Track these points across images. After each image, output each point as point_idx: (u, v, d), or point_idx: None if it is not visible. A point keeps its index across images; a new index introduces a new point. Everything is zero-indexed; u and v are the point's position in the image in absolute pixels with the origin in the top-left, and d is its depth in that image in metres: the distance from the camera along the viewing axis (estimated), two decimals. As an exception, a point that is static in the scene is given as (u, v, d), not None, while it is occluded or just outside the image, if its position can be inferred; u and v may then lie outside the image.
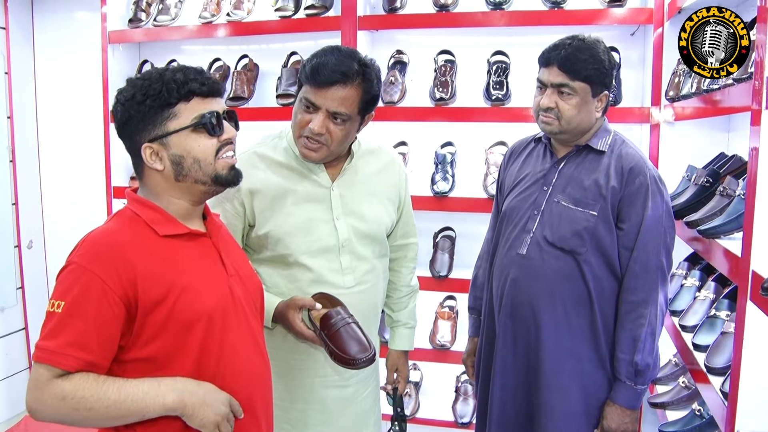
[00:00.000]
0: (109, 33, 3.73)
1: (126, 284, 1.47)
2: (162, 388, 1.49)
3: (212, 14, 3.55)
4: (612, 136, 2.19)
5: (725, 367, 2.01)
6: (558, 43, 2.11)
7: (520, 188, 2.27)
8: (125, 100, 1.58)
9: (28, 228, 4.13)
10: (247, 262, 1.82)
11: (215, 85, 1.61)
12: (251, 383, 1.67)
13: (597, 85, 2.10)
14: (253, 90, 3.62)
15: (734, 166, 2.44)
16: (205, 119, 1.57)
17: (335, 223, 2.06)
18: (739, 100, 1.93)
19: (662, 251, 2.08)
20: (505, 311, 2.22)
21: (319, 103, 1.92)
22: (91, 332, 1.45)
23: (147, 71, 1.63)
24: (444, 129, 3.53)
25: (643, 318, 2.07)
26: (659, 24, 2.97)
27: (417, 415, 3.42)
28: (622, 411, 2.12)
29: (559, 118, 2.11)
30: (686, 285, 2.60)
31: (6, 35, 3.98)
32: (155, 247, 1.56)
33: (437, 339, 3.36)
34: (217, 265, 1.66)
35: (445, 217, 3.50)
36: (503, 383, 2.25)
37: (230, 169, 1.63)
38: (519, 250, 2.19)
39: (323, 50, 1.97)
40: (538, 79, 2.16)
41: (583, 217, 2.10)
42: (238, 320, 1.65)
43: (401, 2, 3.32)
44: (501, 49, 3.34)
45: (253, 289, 1.76)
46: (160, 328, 1.52)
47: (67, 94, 4.16)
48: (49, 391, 1.43)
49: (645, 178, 2.08)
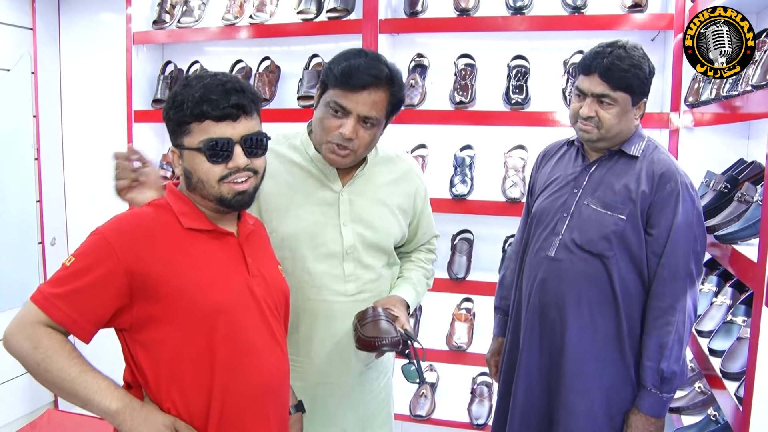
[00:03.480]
0: (134, 34, 3.78)
1: (137, 263, 1.53)
2: (115, 393, 1.52)
3: (235, 16, 3.59)
4: (645, 141, 2.18)
5: (740, 373, 2.02)
6: (599, 50, 2.08)
7: (550, 190, 2.27)
8: (166, 100, 1.65)
9: (51, 225, 4.19)
10: (276, 267, 1.83)
11: (233, 109, 1.58)
12: (268, 380, 1.69)
13: (637, 95, 2.09)
14: (274, 91, 3.66)
15: (753, 172, 2.44)
16: (208, 146, 1.57)
17: (341, 228, 2.01)
18: (758, 106, 1.94)
19: (692, 258, 2.06)
20: (532, 311, 2.22)
21: (350, 107, 1.88)
22: (85, 295, 1.51)
23: (193, 75, 1.65)
24: (463, 132, 3.54)
25: (670, 325, 2.04)
26: (679, 30, 2.97)
27: (433, 416, 3.43)
28: (647, 419, 2.10)
29: (599, 126, 2.10)
30: (703, 290, 2.59)
31: (33, 36, 4.03)
32: (178, 236, 1.61)
33: (454, 341, 3.38)
34: (239, 264, 1.68)
35: (463, 219, 3.51)
36: (527, 383, 2.25)
37: (236, 194, 1.62)
38: (548, 252, 2.19)
39: (349, 53, 1.93)
40: (577, 86, 2.14)
41: (611, 221, 2.10)
42: (255, 318, 1.67)
43: (422, 6, 3.35)
44: (521, 53, 3.36)
45: (277, 293, 1.76)
46: (170, 314, 1.56)
47: (92, 93, 4.20)
48: (29, 332, 1.49)
49: (676, 184, 2.06)
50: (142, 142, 3.83)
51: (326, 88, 1.93)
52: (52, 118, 4.24)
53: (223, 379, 1.60)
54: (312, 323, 2.02)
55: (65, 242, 4.28)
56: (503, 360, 2.42)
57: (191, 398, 1.59)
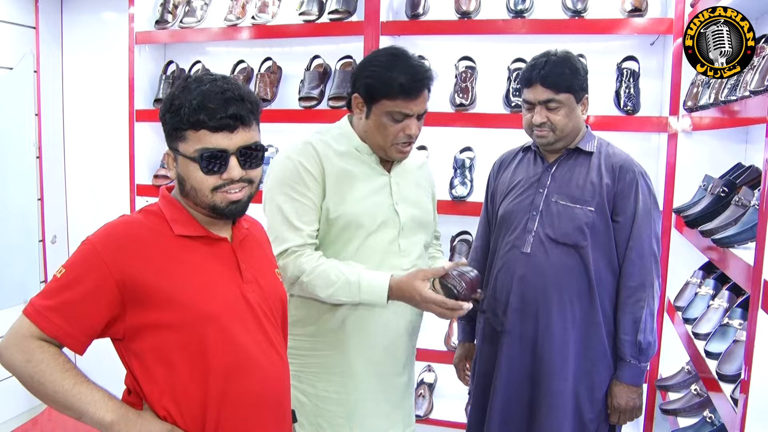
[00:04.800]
0: (136, 34, 3.79)
1: (127, 273, 1.51)
2: (109, 404, 1.51)
3: (237, 17, 3.61)
4: (597, 139, 2.37)
5: (736, 375, 2.02)
6: (534, 63, 2.29)
7: (514, 193, 2.40)
8: (163, 102, 1.61)
9: (52, 223, 4.21)
10: (272, 272, 1.81)
11: (231, 120, 1.54)
12: (266, 388, 1.66)
13: (578, 92, 2.27)
14: (276, 92, 3.68)
15: (750, 176, 2.45)
16: (203, 157, 1.54)
17: (396, 207, 2.18)
18: (756, 111, 1.95)
19: (653, 239, 2.28)
20: (513, 308, 2.32)
21: (414, 111, 2.08)
22: (77, 306, 1.50)
23: (193, 78, 1.60)
24: (463, 134, 3.55)
25: (642, 301, 2.25)
26: (679, 34, 2.98)
27: (431, 416, 3.46)
28: (628, 388, 2.29)
29: (554, 129, 2.27)
30: (700, 293, 2.61)
31: (36, 34, 4.06)
32: (169, 244, 1.59)
33: (452, 341, 3.39)
34: (232, 270, 1.66)
35: (462, 221, 3.52)
36: (509, 377, 2.34)
37: (230, 203, 1.59)
38: (523, 249, 2.31)
39: (393, 61, 2.06)
40: (524, 99, 2.32)
41: (582, 213, 2.26)
42: (250, 325, 1.64)
43: (424, 8, 3.37)
44: (521, 56, 3.36)
45: (273, 298, 1.74)
46: (161, 323, 1.54)
47: (94, 93, 4.22)
48: (22, 346, 1.49)
49: (634, 174, 2.27)
50: (143, 141, 3.86)
51: (376, 98, 2.06)
52: (54, 116, 4.26)
53: (217, 388, 1.58)
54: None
55: (66, 240, 4.30)
56: (477, 361, 2.50)
57: (186, 407, 1.57)
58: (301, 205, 2.08)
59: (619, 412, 2.31)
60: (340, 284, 2.00)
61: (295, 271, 2.03)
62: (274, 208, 2.11)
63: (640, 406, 2.33)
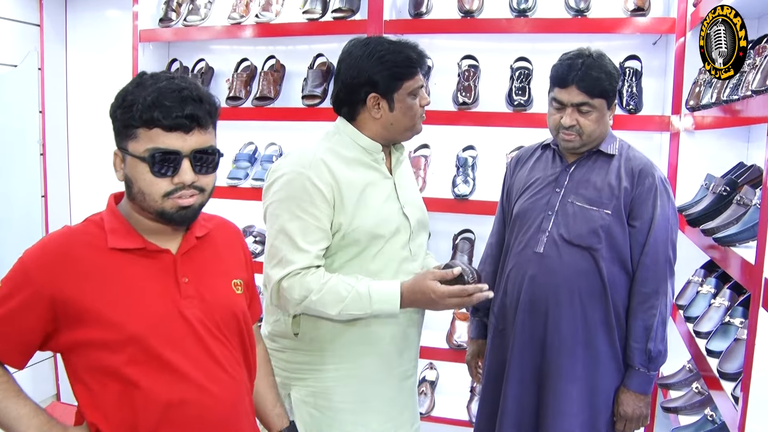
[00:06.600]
0: (140, 32, 3.80)
1: (57, 289, 1.46)
2: (33, 421, 1.48)
3: (241, 15, 3.61)
4: (618, 141, 2.31)
5: (737, 373, 2.03)
6: (571, 63, 2.20)
7: (531, 191, 2.35)
8: (115, 97, 1.51)
9: (56, 220, 4.20)
10: (226, 283, 1.68)
11: (186, 120, 1.45)
12: (211, 412, 1.55)
13: (611, 98, 2.22)
14: (279, 90, 3.69)
15: (752, 176, 2.46)
16: (153, 157, 1.44)
17: (404, 211, 2.15)
18: (758, 111, 1.96)
19: (669, 246, 2.23)
20: (523, 307, 2.29)
21: (422, 81, 2.13)
22: (7, 322, 1.48)
23: (149, 74, 1.51)
24: (466, 133, 3.57)
25: (654, 308, 2.20)
26: (681, 33, 2.99)
27: (432, 413, 3.47)
28: (636, 396, 2.24)
29: (581, 134, 2.22)
30: (702, 292, 2.62)
31: (40, 32, 4.07)
32: (101, 258, 1.51)
33: (454, 339, 3.40)
34: (168, 285, 1.55)
35: (465, 219, 3.54)
36: (520, 377, 2.31)
37: (180, 208, 1.50)
38: (536, 249, 2.27)
39: (382, 44, 2.06)
40: (554, 98, 2.24)
41: (598, 216, 2.21)
42: (187, 345, 1.53)
43: (427, 7, 3.37)
44: (524, 55, 3.38)
45: (222, 312, 1.61)
46: (90, 342, 1.48)
47: (98, 90, 4.19)
48: None
49: (654, 179, 2.22)
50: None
51: (397, 86, 2.08)
52: (58, 114, 4.27)
53: (149, 410, 1.49)
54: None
55: (69, 237, 4.29)
56: (487, 359, 2.47)
57: (118, 428, 1.50)
58: (307, 223, 1.98)
59: (625, 420, 2.26)
60: (351, 297, 1.95)
61: (303, 291, 1.96)
62: (276, 226, 2.01)
63: (647, 415, 2.28)
